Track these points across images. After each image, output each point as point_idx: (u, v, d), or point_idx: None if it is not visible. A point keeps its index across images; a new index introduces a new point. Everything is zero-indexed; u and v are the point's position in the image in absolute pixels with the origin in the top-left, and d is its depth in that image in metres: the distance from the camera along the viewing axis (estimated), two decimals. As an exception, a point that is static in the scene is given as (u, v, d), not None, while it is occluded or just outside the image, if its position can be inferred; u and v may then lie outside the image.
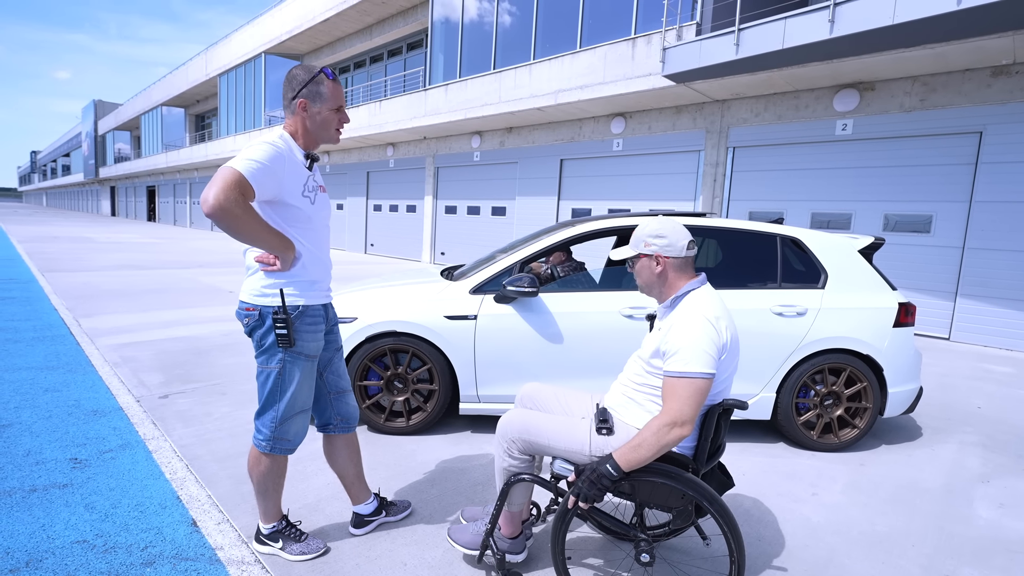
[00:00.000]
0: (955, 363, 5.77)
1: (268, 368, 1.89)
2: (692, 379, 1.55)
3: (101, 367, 4.29)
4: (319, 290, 1.97)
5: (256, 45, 20.88)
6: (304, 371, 1.93)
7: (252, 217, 1.66)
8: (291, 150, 1.83)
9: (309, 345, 1.93)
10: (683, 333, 1.60)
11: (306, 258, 1.89)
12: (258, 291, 1.85)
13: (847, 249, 3.47)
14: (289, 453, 2.00)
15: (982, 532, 2.45)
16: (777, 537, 2.33)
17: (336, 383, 2.14)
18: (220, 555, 2.02)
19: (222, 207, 1.56)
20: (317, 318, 1.95)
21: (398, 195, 16.42)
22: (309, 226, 1.90)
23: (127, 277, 9.50)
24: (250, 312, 1.86)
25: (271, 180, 1.72)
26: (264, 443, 1.94)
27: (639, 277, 1.80)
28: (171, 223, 34.38)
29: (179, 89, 28.94)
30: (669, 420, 1.53)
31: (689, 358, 1.56)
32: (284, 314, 1.82)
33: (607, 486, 1.57)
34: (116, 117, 41.03)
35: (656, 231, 1.74)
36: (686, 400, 1.54)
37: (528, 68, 10.53)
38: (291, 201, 1.81)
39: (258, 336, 1.88)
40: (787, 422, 3.28)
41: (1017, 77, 6.41)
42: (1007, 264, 6.62)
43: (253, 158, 1.67)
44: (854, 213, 7.80)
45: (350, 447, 2.21)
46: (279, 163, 1.74)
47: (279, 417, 1.92)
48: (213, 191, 1.56)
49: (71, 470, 2.62)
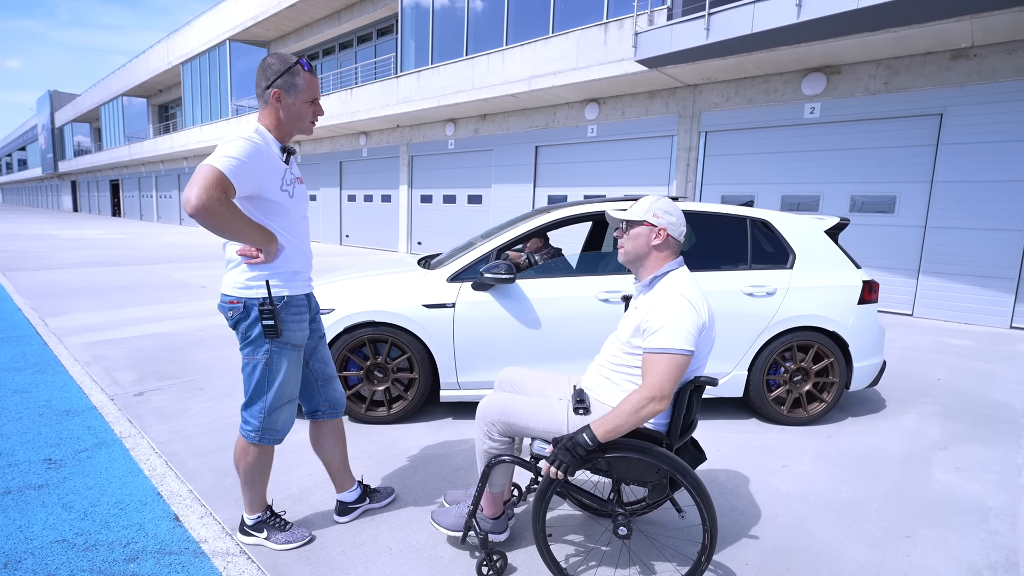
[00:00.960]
0: (917, 338, 6.02)
1: (255, 359, 1.90)
2: (672, 355, 1.60)
3: (71, 366, 4.19)
4: (301, 280, 1.98)
5: (220, 32, 20.22)
6: (291, 361, 1.95)
7: (235, 214, 1.66)
8: (268, 144, 1.81)
9: (295, 335, 1.94)
10: (664, 311, 1.65)
11: (288, 249, 1.90)
12: (242, 283, 1.84)
13: (814, 230, 3.58)
14: (277, 443, 2.01)
15: (939, 495, 2.59)
16: (749, 507, 2.43)
17: (323, 370, 2.17)
18: (204, 548, 2.03)
19: (205, 207, 1.56)
20: (301, 308, 1.96)
21: (372, 185, 16.22)
22: (289, 219, 1.90)
23: (94, 274, 9.22)
24: (234, 305, 1.85)
25: (251, 176, 1.71)
26: (253, 434, 1.95)
27: (631, 243, 1.80)
28: (137, 218, 33.35)
29: (140, 78, 27.89)
30: (648, 395, 1.59)
31: (670, 335, 1.61)
32: (271, 305, 1.83)
33: (582, 455, 1.61)
34: (74, 108, 39.39)
35: (668, 208, 1.80)
36: (665, 375, 1.59)
37: (501, 54, 10.45)
38: (270, 196, 1.81)
39: (243, 328, 1.87)
40: (758, 398, 3.40)
41: (975, 60, 6.63)
42: (966, 242, 6.90)
43: (231, 155, 1.65)
44: (822, 195, 8.01)
45: (336, 433, 2.24)
46: (257, 159, 1.72)
47: (267, 408, 1.93)
48: (195, 191, 1.55)
49: (46, 471, 2.57)
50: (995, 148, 6.59)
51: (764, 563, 2.04)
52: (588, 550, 2.10)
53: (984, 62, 6.57)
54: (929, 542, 2.20)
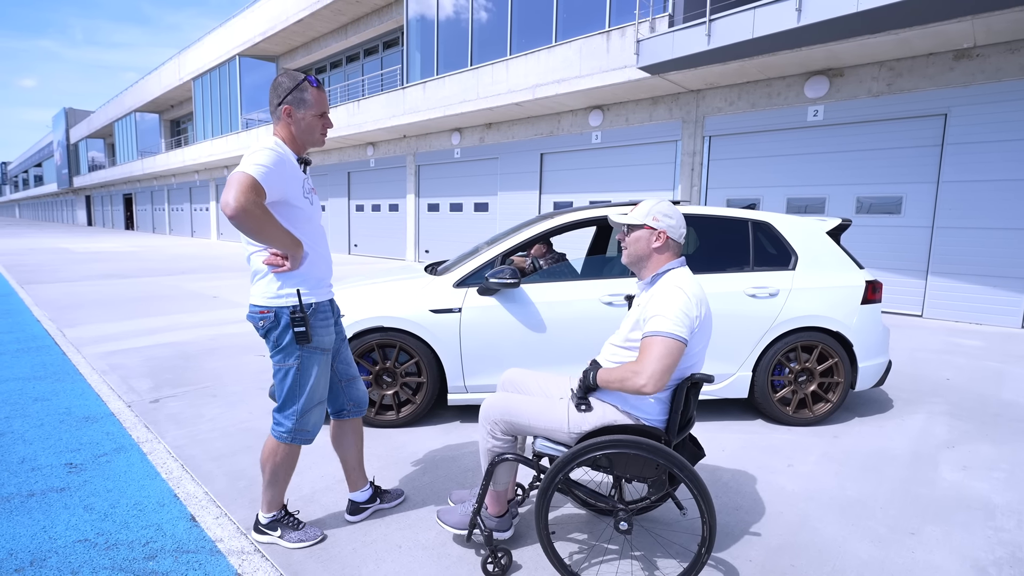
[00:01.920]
0: (927, 338, 5.99)
1: (286, 365, 1.98)
2: (665, 338, 1.66)
3: (89, 375, 4.29)
4: (325, 286, 2.08)
5: (230, 47, 20.62)
6: (321, 364, 2.04)
7: (270, 217, 1.76)
8: (288, 154, 1.92)
9: (324, 339, 2.03)
10: (662, 300, 1.73)
11: (312, 256, 1.99)
12: (272, 293, 1.93)
13: (815, 231, 3.61)
14: (308, 443, 2.10)
15: (946, 493, 2.60)
16: (754, 506, 2.46)
17: (346, 371, 2.26)
18: (220, 546, 2.09)
19: (244, 209, 1.66)
20: (327, 313, 2.06)
21: (380, 194, 16.39)
22: (310, 226, 2.00)
23: (109, 286, 9.40)
24: (265, 315, 1.94)
25: (278, 182, 1.81)
26: (286, 435, 2.04)
27: (633, 245, 1.87)
28: (150, 231, 33.86)
29: (152, 94, 28.46)
30: (636, 368, 1.67)
31: (665, 321, 1.68)
32: (302, 312, 1.92)
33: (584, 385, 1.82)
34: (88, 125, 40.20)
35: (667, 211, 1.86)
36: (658, 358, 1.65)
37: (505, 63, 10.58)
38: (295, 202, 1.91)
39: (275, 336, 1.96)
40: (764, 399, 3.42)
41: (978, 60, 6.63)
42: (974, 241, 6.86)
43: (260, 162, 1.76)
44: (828, 197, 8.01)
45: (356, 432, 2.33)
46: (283, 166, 1.83)
47: (300, 410, 2.02)
48: (233, 194, 1.65)
49: (67, 474, 2.66)
50: (1001, 147, 6.58)
51: (767, 560, 2.06)
52: (591, 547, 2.13)
53: (987, 62, 6.57)
54: (934, 539, 2.21)
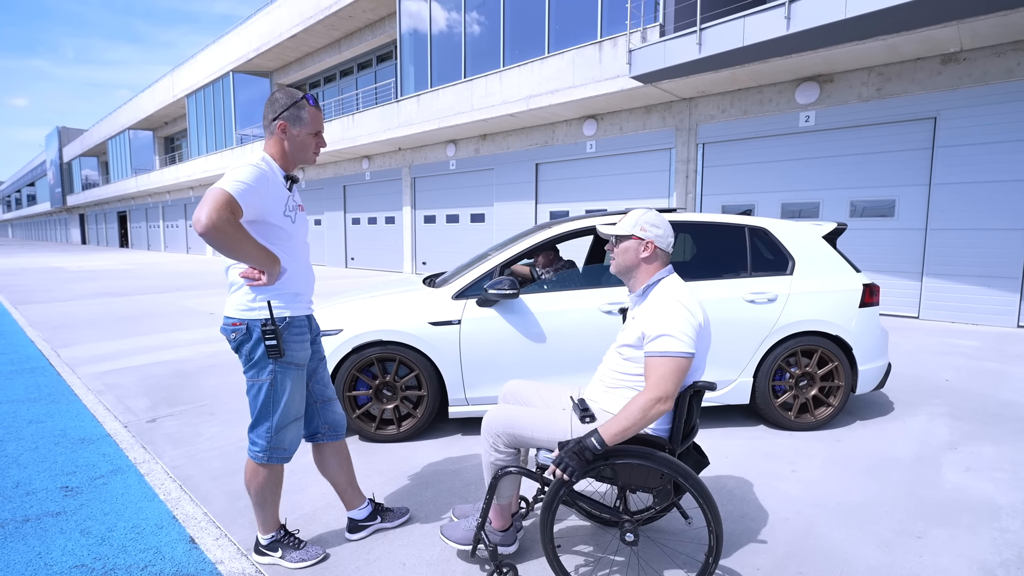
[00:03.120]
0: (924, 340, 6.00)
1: (259, 381, 1.94)
2: (674, 358, 1.65)
3: (84, 396, 4.25)
4: (302, 302, 2.04)
5: (223, 64, 20.71)
6: (295, 380, 1.99)
7: (243, 235, 1.73)
8: (273, 171, 1.90)
9: (298, 354, 1.98)
10: (663, 317, 1.71)
11: (290, 272, 1.96)
12: (245, 305, 1.90)
13: (812, 236, 3.63)
14: (285, 462, 2.04)
15: (950, 495, 2.59)
16: (759, 513, 2.44)
17: (322, 392, 2.20)
18: (221, 568, 2.05)
19: (215, 226, 1.63)
20: (303, 328, 2.02)
21: (376, 207, 16.41)
22: (291, 243, 1.97)
23: (104, 305, 9.35)
24: (236, 327, 1.91)
25: (256, 200, 1.79)
26: (261, 454, 1.99)
27: (621, 256, 1.87)
28: (145, 248, 33.76)
29: (146, 112, 28.53)
30: (654, 396, 1.63)
31: (671, 340, 1.67)
32: (273, 325, 1.88)
33: (589, 459, 1.63)
34: (82, 143, 40.23)
35: (655, 221, 1.86)
36: (669, 377, 1.64)
37: (499, 75, 10.66)
38: (273, 220, 1.88)
39: (246, 350, 1.92)
40: (765, 405, 3.41)
41: (965, 64, 6.72)
42: (967, 242, 6.91)
43: (240, 179, 1.74)
44: (822, 201, 8.06)
45: (339, 455, 2.27)
46: (264, 184, 1.81)
47: (274, 427, 1.97)
48: (205, 211, 1.63)
49: (63, 498, 2.62)
50: (991, 149, 6.65)
51: (775, 567, 2.04)
52: (597, 559, 2.11)
53: (974, 65, 6.66)
54: (940, 542, 2.20)
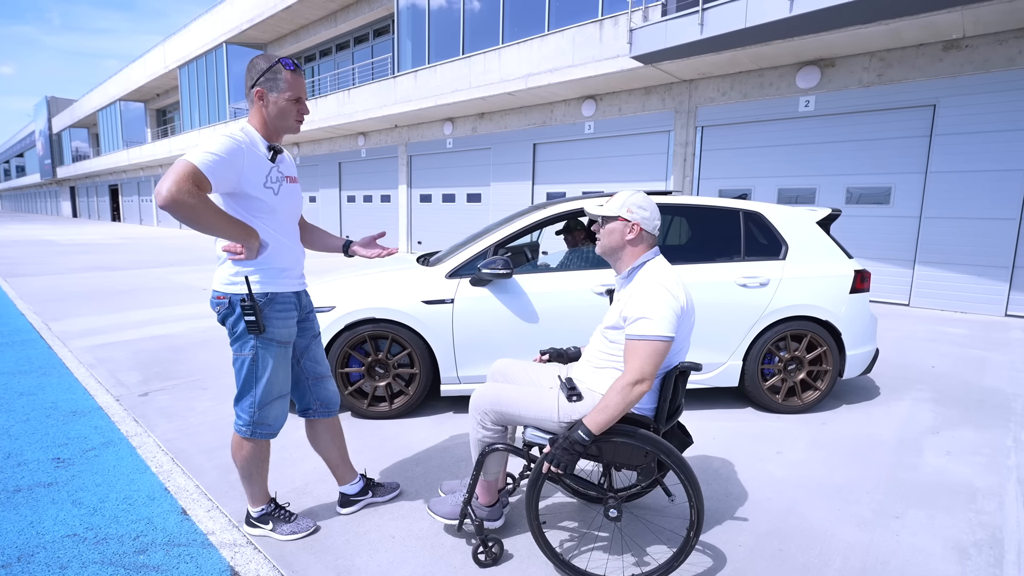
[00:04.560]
0: (913, 327, 6.07)
1: (242, 355, 1.94)
2: (652, 341, 1.66)
3: (76, 369, 4.25)
4: (290, 277, 2.01)
5: (216, 35, 20.26)
6: (277, 357, 1.98)
7: (208, 207, 1.68)
8: (252, 142, 1.85)
9: (280, 332, 1.97)
10: (645, 299, 1.71)
11: (274, 246, 1.93)
12: (228, 280, 1.89)
13: (806, 221, 3.63)
14: (270, 437, 2.05)
15: (930, 478, 2.64)
16: (743, 492, 2.49)
17: (314, 369, 2.19)
18: (212, 539, 2.08)
19: (175, 199, 1.59)
20: (288, 305, 2.00)
21: (372, 185, 16.27)
22: (274, 217, 1.93)
23: (96, 279, 9.28)
24: (220, 300, 1.91)
25: (229, 172, 1.75)
26: (244, 428, 2.00)
27: (607, 237, 1.87)
28: (137, 222, 33.41)
29: (137, 83, 27.94)
30: (631, 379, 1.65)
31: (650, 322, 1.67)
32: (251, 301, 1.87)
33: (580, 452, 1.67)
34: (71, 114, 39.45)
35: (641, 203, 1.85)
36: (646, 359, 1.65)
37: (497, 52, 10.49)
38: (253, 192, 1.84)
39: (230, 323, 1.92)
40: (753, 388, 3.45)
41: (967, 51, 6.66)
42: (960, 231, 6.94)
43: (209, 151, 1.70)
44: (818, 187, 8.05)
45: (332, 431, 2.28)
46: (237, 156, 1.76)
47: (257, 402, 1.98)
48: (166, 183, 1.59)
49: (55, 469, 2.63)
50: (988, 138, 6.64)
51: (757, 544, 2.09)
52: (582, 535, 2.15)
53: (975, 53, 6.60)
54: (918, 522, 2.25)
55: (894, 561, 2.00)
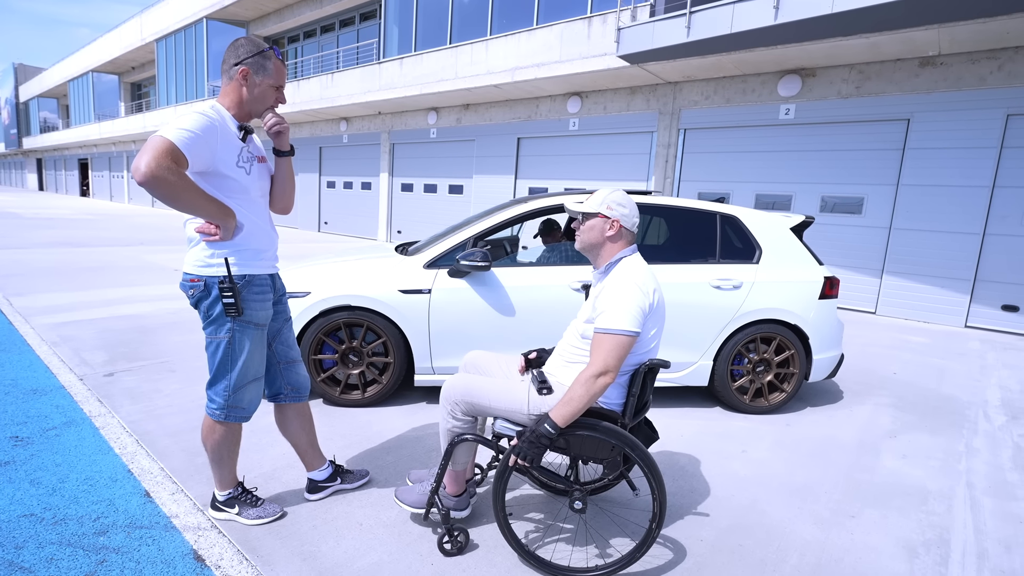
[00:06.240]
0: (878, 334, 6.26)
1: (217, 338, 1.91)
2: (617, 335, 1.70)
3: (38, 346, 4.12)
4: (265, 259, 1.99)
5: (197, 9, 19.64)
6: (254, 340, 1.96)
7: (187, 185, 1.66)
8: (224, 120, 1.82)
9: (258, 314, 1.95)
10: (615, 294, 1.75)
11: (249, 228, 1.91)
12: (203, 261, 1.86)
13: (780, 227, 3.71)
14: (244, 421, 2.03)
15: (885, 479, 2.75)
16: (707, 489, 2.55)
17: (286, 353, 2.17)
18: (175, 522, 2.05)
19: (155, 175, 1.56)
20: (264, 287, 1.98)
21: (352, 172, 16.04)
22: (246, 196, 1.91)
23: (62, 255, 8.98)
24: (195, 283, 1.87)
25: (204, 149, 1.72)
26: (218, 412, 1.97)
27: (586, 233, 1.89)
28: (108, 198, 32.37)
29: (112, 55, 26.95)
30: (595, 371, 1.68)
31: (617, 317, 1.71)
32: (231, 283, 1.84)
33: (546, 444, 1.70)
34: (40, 83, 37.92)
35: (621, 200, 1.88)
36: (610, 352, 1.69)
37: (485, 44, 10.42)
38: (225, 171, 1.82)
39: (205, 307, 1.89)
40: (723, 388, 3.53)
41: (942, 68, 6.86)
42: (927, 243, 7.17)
43: (185, 127, 1.67)
44: (794, 195, 8.23)
45: (302, 416, 2.26)
46: (211, 133, 1.74)
47: (232, 386, 1.95)
48: (145, 159, 1.56)
49: (12, 448, 2.56)
50: (957, 154, 6.86)
51: (717, 539, 2.15)
52: (547, 526, 2.18)
53: (950, 70, 6.81)
54: (872, 522, 2.34)
55: (847, 558, 2.08)
